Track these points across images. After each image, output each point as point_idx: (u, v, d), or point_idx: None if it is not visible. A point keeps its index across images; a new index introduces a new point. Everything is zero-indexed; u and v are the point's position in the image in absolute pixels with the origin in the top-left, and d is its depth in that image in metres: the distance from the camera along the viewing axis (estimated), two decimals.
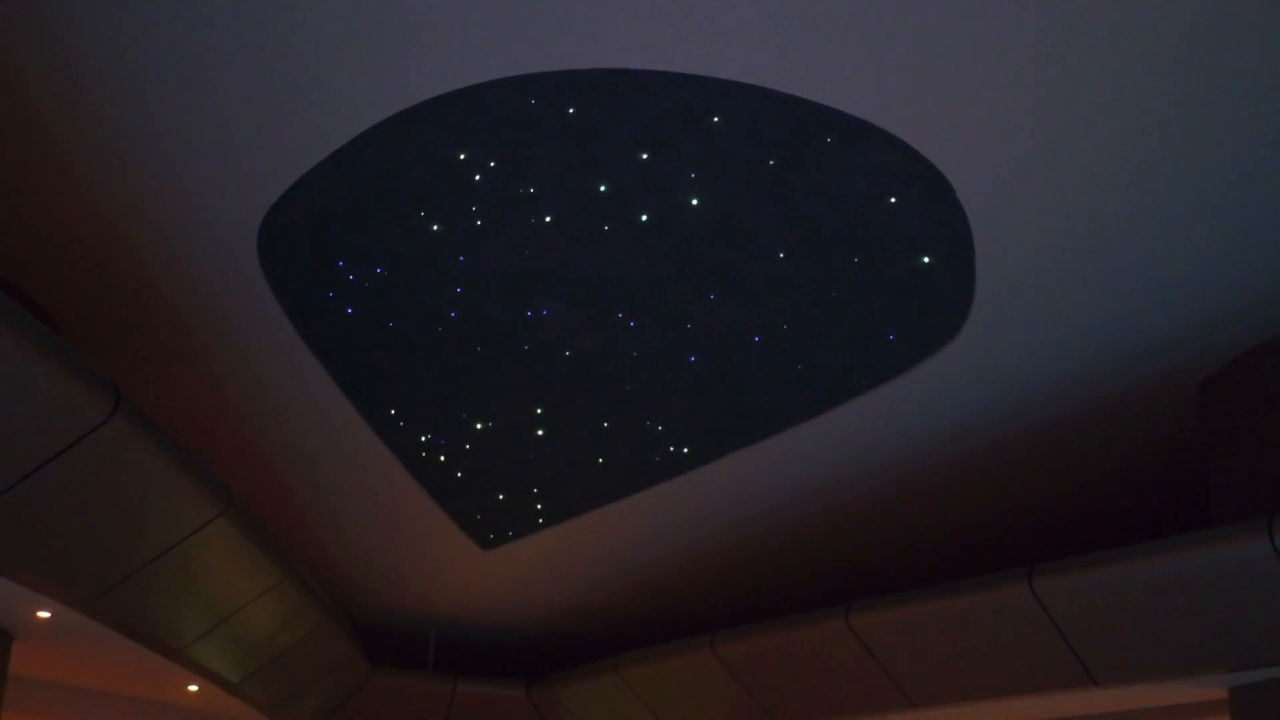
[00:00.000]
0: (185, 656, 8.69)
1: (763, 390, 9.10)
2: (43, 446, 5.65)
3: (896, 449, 9.69)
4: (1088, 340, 8.55)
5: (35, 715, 10.35)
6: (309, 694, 12.19)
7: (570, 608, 13.04)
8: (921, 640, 9.31)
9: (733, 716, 11.67)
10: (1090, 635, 8.31)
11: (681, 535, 11.13)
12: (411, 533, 11.36)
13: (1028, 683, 8.89)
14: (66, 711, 10.70)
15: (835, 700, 10.49)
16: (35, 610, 7.46)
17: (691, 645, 11.23)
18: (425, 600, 13.02)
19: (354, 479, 10.40)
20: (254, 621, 9.06)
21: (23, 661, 8.65)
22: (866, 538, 11.09)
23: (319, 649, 10.89)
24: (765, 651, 10.64)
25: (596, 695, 13.08)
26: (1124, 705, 9.71)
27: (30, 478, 5.72)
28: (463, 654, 14.18)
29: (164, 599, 7.81)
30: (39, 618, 7.65)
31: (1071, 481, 10.31)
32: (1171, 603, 7.87)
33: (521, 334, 8.39)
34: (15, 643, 8.39)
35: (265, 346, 8.47)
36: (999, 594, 8.48)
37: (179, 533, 7.05)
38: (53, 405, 5.48)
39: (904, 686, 9.68)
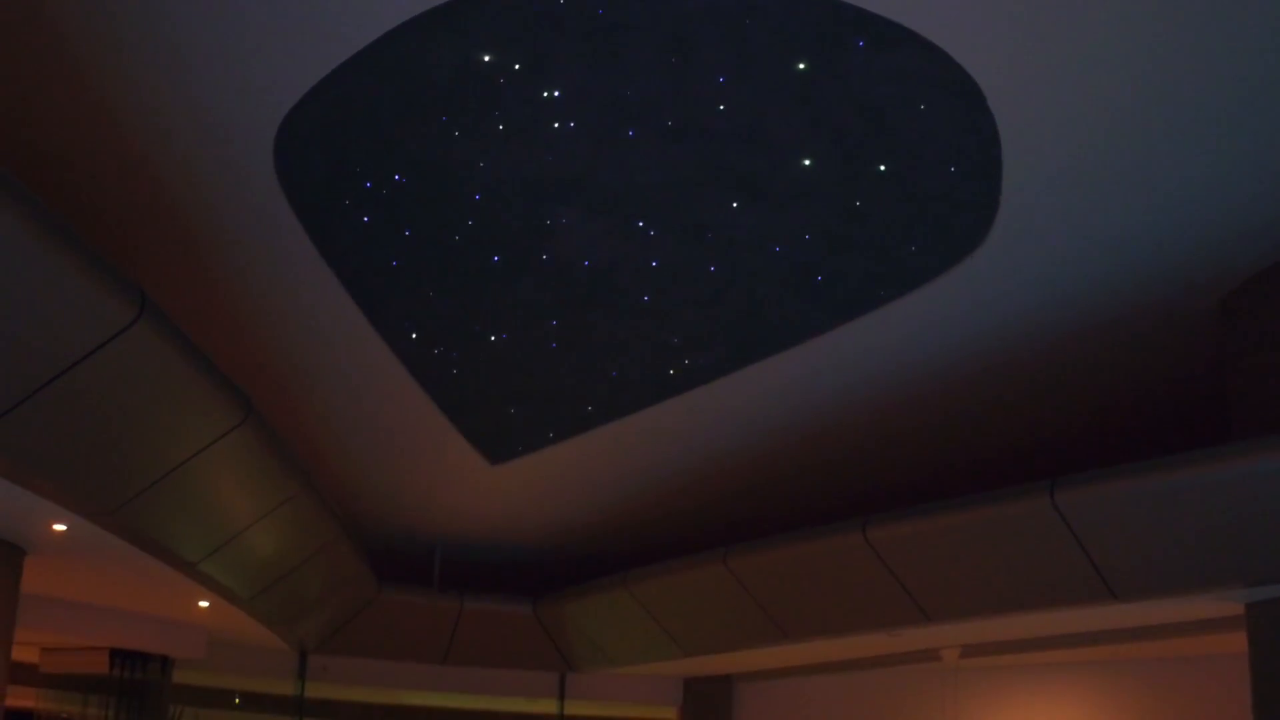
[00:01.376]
0: (199, 571, 8.73)
1: (781, 302, 9.10)
2: (67, 351, 5.61)
3: (915, 362, 9.72)
4: (1109, 254, 8.57)
5: (45, 632, 10.43)
6: (317, 610, 12.33)
7: (578, 525, 13.16)
8: (940, 554, 9.39)
9: (745, 631, 11.85)
10: (1111, 549, 8.38)
11: (694, 450, 11.21)
12: (420, 448, 11.43)
13: (1047, 597, 8.98)
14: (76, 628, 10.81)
15: (849, 615, 10.64)
16: (51, 523, 7.47)
17: (704, 559, 11.36)
18: (431, 518, 13.14)
19: (363, 393, 10.43)
20: (268, 535, 9.10)
21: (34, 577, 8.69)
22: (883, 453, 11.19)
23: (330, 564, 10.97)
24: (780, 565, 10.73)
25: (605, 611, 13.26)
26: (1141, 621, 9.90)
27: (53, 383, 5.69)
28: (468, 572, 14.35)
29: (181, 511, 7.82)
30: (54, 531, 7.67)
31: (1091, 397, 10.38)
32: (1191, 517, 7.94)
33: (539, 244, 8.37)
34: (28, 557, 8.44)
35: (278, 256, 8.44)
36: (1021, 507, 8.53)
37: (200, 442, 7.04)
38: (78, 308, 5.44)
39: (920, 601, 9.78)
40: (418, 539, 13.73)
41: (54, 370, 5.67)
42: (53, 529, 7.61)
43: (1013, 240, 8.30)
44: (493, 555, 14.23)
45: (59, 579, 9.31)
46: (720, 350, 9.66)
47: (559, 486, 12.16)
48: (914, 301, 8.93)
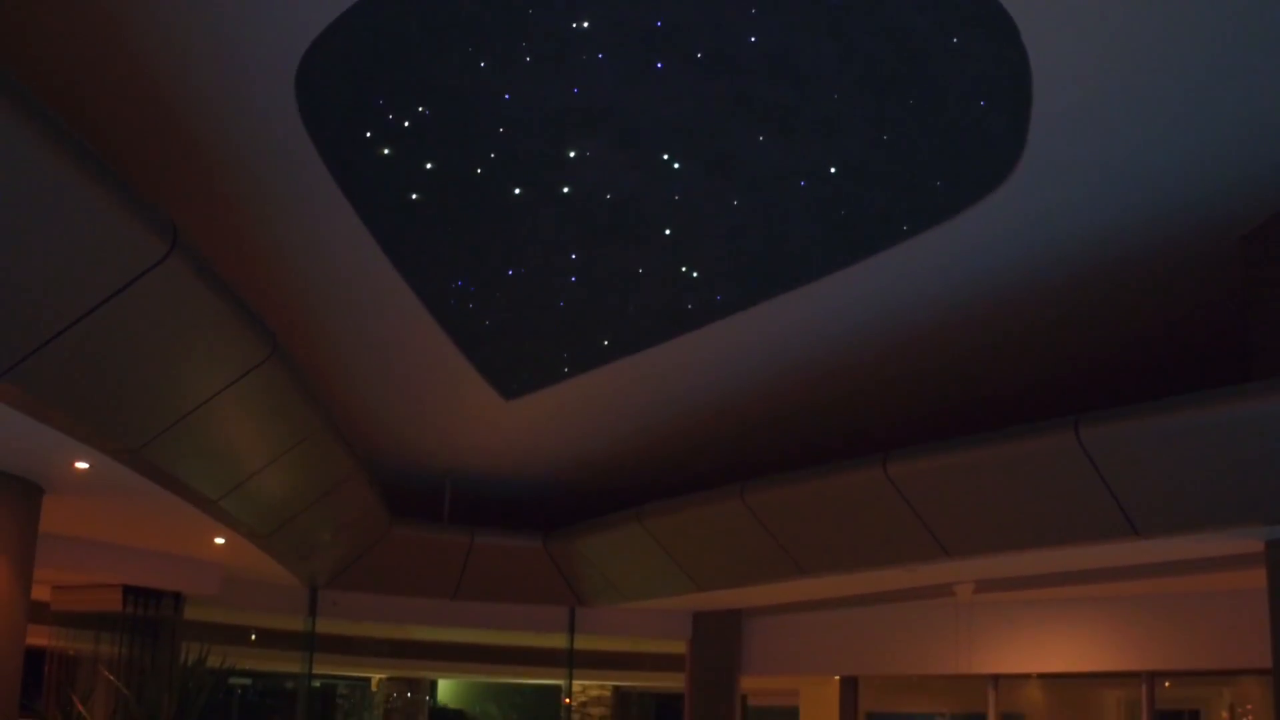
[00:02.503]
0: (218, 508, 8.74)
1: (803, 235, 9.11)
2: (98, 287, 5.59)
3: (938, 297, 9.75)
4: (1133, 191, 8.61)
5: (59, 570, 10.45)
6: (331, 545, 12.37)
7: (591, 460, 13.22)
8: (962, 490, 9.44)
9: (760, 567, 11.94)
10: (1134, 485, 8.45)
11: (711, 385, 11.26)
12: (433, 383, 11.46)
13: (1069, 533, 9.06)
14: (90, 566, 10.84)
15: (867, 550, 10.72)
16: (73, 461, 7.46)
17: (721, 494, 11.40)
18: (442, 453, 13.18)
19: (379, 327, 10.44)
20: (287, 471, 9.11)
21: (49, 515, 8.69)
22: (904, 388, 11.24)
23: (345, 500, 11.00)
24: (798, 501, 10.78)
25: (618, 546, 13.32)
26: (1160, 557, 9.98)
27: (84, 320, 5.67)
28: (478, 507, 14.40)
29: (204, 448, 7.82)
30: (76, 469, 7.66)
31: (1112, 334, 10.43)
32: (1214, 454, 8.01)
33: (562, 176, 8.34)
34: (46, 496, 8.43)
35: (297, 190, 8.42)
36: (1045, 442, 8.58)
37: (225, 378, 7.04)
38: (111, 243, 5.41)
39: (940, 536, 9.84)
40: (428, 474, 13.77)
41: (85, 307, 5.64)
42: (75, 467, 7.60)
43: (1038, 176, 8.34)
44: (503, 490, 14.29)
45: (74, 517, 9.32)
46: (741, 284, 9.67)
47: (572, 422, 12.21)
48: (938, 236, 8.96)
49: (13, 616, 8.14)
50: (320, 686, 14.83)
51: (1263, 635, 8.85)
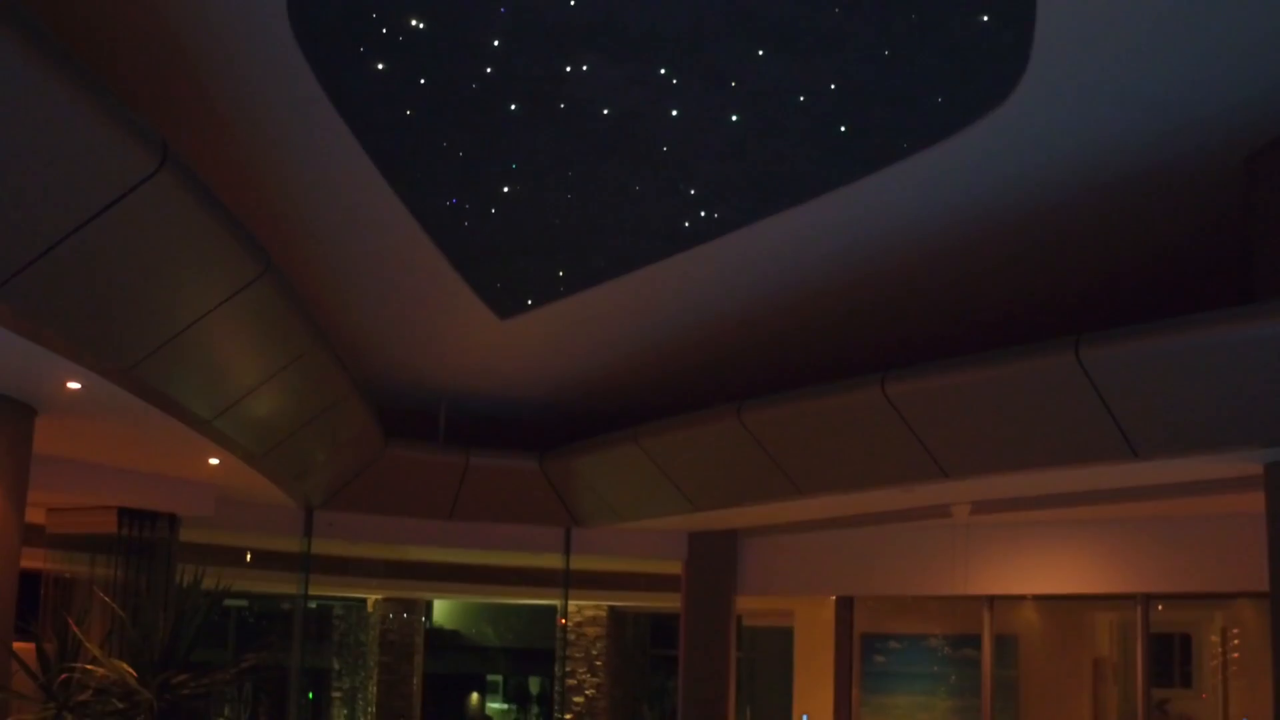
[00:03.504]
0: (212, 428, 8.74)
1: (802, 153, 9.06)
2: (87, 203, 5.54)
3: (938, 216, 9.73)
4: (1137, 110, 8.56)
5: (53, 492, 10.47)
6: (326, 465, 12.43)
7: (587, 380, 13.28)
8: (960, 410, 9.48)
9: (757, 487, 12.03)
10: (1133, 407, 8.49)
11: (709, 304, 11.28)
12: (428, 302, 11.47)
13: (1067, 454, 9.12)
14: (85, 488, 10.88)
15: (864, 470, 10.80)
16: (65, 381, 7.42)
17: (717, 414, 11.46)
18: (437, 373, 13.24)
19: (372, 246, 10.43)
20: (282, 390, 9.12)
21: (43, 437, 8.67)
22: (903, 308, 11.27)
23: (340, 419, 11.02)
24: (795, 420, 10.84)
25: (614, 466, 13.41)
26: (1159, 479, 10.04)
27: (73, 236, 5.62)
28: (473, 427, 14.48)
29: (197, 367, 7.81)
30: (68, 389, 7.63)
31: (1113, 254, 10.42)
32: (1214, 376, 8.06)
33: (558, 91, 8.26)
34: (39, 417, 8.41)
35: (289, 105, 8.33)
36: (1045, 362, 8.61)
37: (218, 296, 7.00)
38: (100, 157, 5.35)
39: (938, 457, 9.90)
40: (423, 394, 13.84)
41: (74, 223, 5.60)
42: (66, 387, 7.57)
43: (1041, 93, 8.27)
44: (499, 410, 14.37)
45: (68, 439, 9.30)
46: (739, 202, 9.62)
47: (568, 341, 12.25)
48: (938, 154, 8.92)
49: (7, 539, 8.18)
50: (316, 608, 14.94)
51: (1258, 558, 8.94)
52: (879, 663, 15.65)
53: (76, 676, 7.76)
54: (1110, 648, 14.23)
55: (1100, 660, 14.50)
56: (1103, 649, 14.41)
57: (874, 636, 15.58)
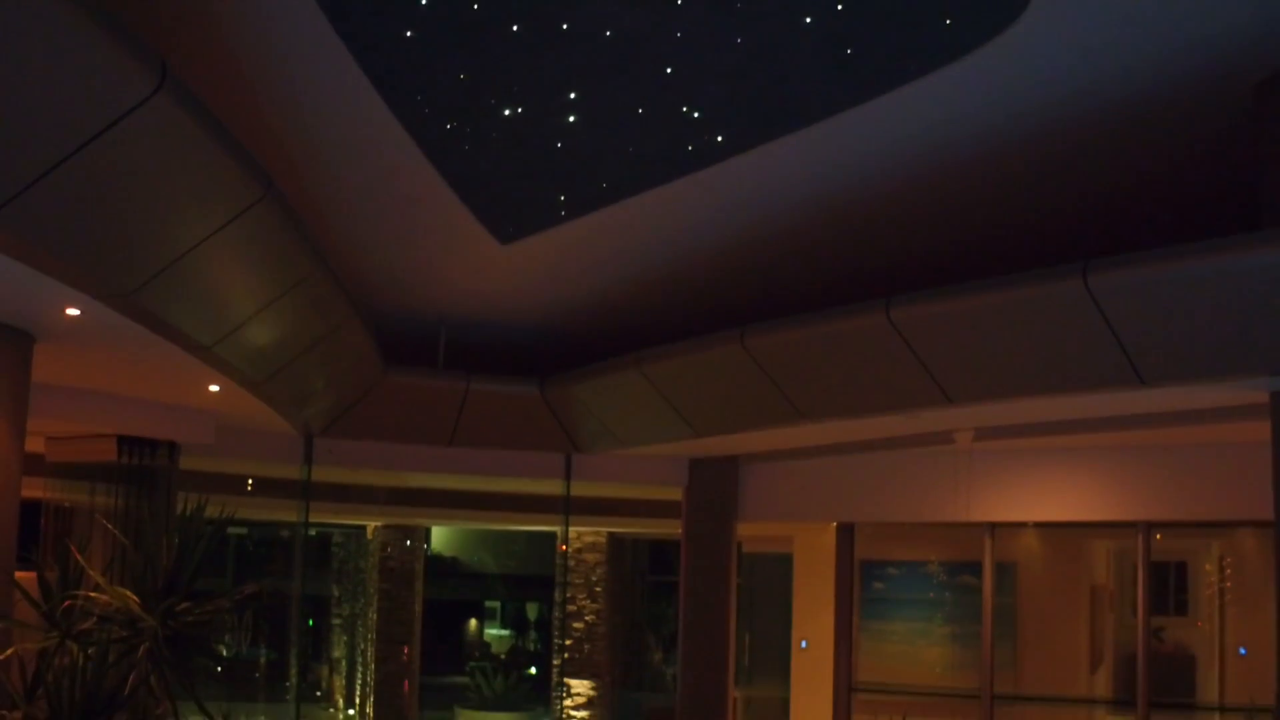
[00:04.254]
0: (212, 354, 8.73)
1: (808, 75, 8.96)
2: (84, 126, 5.47)
3: (945, 140, 9.66)
4: (1147, 31, 8.46)
5: (52, 421, 10.46)
6: (325, 391, 12.45)
7: (588, 305, 13.27)
8: (966, 336, 9.48)
9: (759, 413, 12.07)
10: (1141, 334, 8.49)
11: (712, 229, 11.24)
12: (427, 227, 11.42)
13: (1074, 381, 9.14)
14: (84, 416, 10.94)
15: (868, 396, 10.83)
16: (64, 307, 7.41)
17: (720, 339, 11.47)
18: (437, 298, 13.22)
19: (372, 170, 10.36)
20: (282, 315, 9.11)
21: (41, 365, 8.70)
22: (909, 233, 11.23)
23: (340, 345, 11.02)
24: (799, 345, 10.85)
25: (615, 392, 13.43)
26: (1164, 407, 10.13)
27: (70, 160, 5.56)
28: (473, 353, 14.47)
29: (197, 292, 7.78)
30: (67, 315, 7.61)
31: (1119, 180, 10.36)
32: (1223, 303, 8.06)
33: (562, 13, 8.15)
34: (37, 344, 8.42)
35: (288, 28, 8.22)
36: (1053, 288, 8.58)
37: (218, 220, 6.95)
38: (97, 77, 5.27)
39: (942, 382, 9.91)
40: (422, 320, 13.83)
41: (71, 146, 5.53)
42: (66, 314, 7.56)
43: (1050, 15, 8.17)
44: (499, 336, 14.37)
45: (67, 366, 9.32)
46: (743, 125, 9.54)
47: (570, 266, 12.21)
48: (946, 77, 8.82)
49: (8, 468, 8.24)
50: (316, 535, 15.02)
51: (1260, 487, 9.00)
52: (878, 589, 15.80)
53: (79, 604, 7.75)
54: (1108, 576, 14.33)
55: (1098, 588, 14.63)
56: (1100, 577, 14.51)
57: (874, 563, 15.73)
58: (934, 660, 15.22)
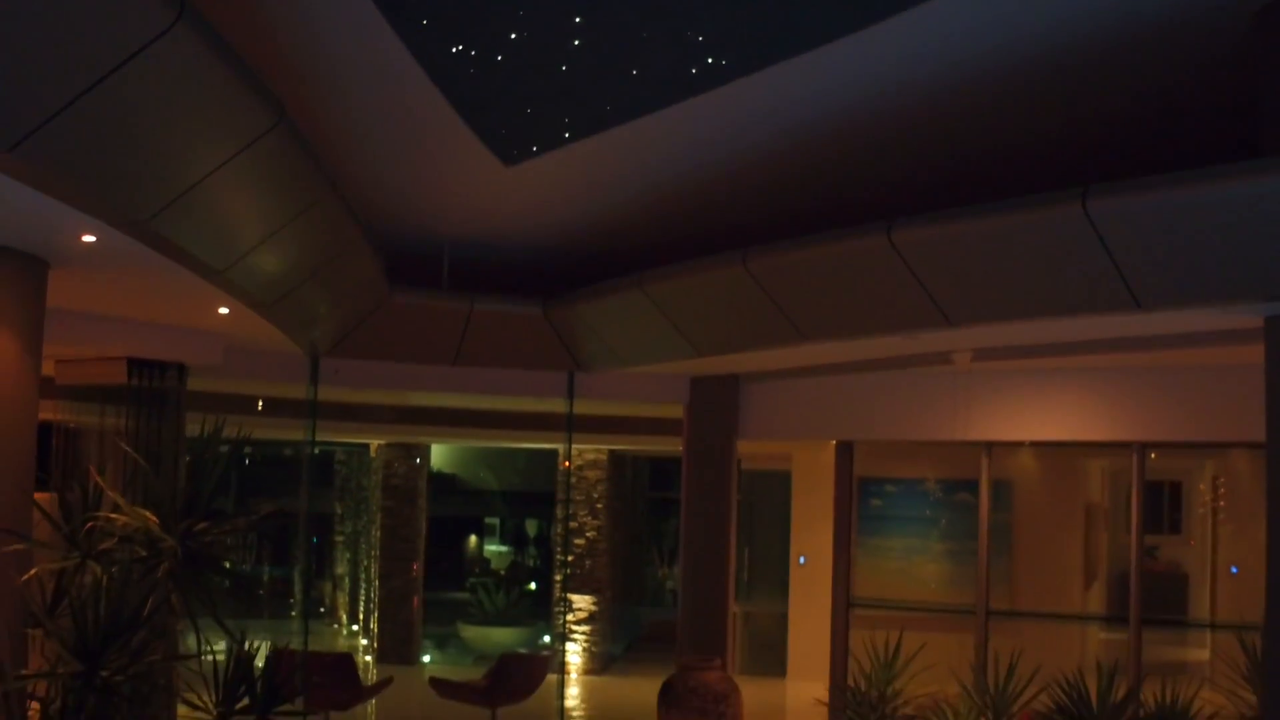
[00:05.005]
0: (224, 278, 8.90)
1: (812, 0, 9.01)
2: (105, 57, 5.62)
3: (948, 63, 9.68)
4: None
5: (63, 344, 10.61)
6: (331, 313, 12.63)
7: (591, 227, 13.32)
8: (966, 259, 9.63)
9: (761, 333, 12.26)
10: (1138, 259, 8.64)
11: (713, 151, 11.28)
12: (432, 150, 11.48)
13: (1072, 304, 9.31)
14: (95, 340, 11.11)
15: (869, 317, 11.01)
16: (80, 234, 7.57)
17: (723, 260, 11.62)
18: (441, 220, 13.29)
19: (374, 93, 10.39)
20: (292, 240, 9.28)
21: (53, 290, 8.84)
22: (910, 157, 11.28)
23: (347, 267, 11.19)
24: (801, 267, 11.00)
25: (618, 312, 13.60)
26: (1160, 330, 10.28)
27: (91, 91, 5.71)
28: (477, 274, 14.59)
29: (210, 219, 7.94)
30: (83, 242, 7.76)
31: (1118, 105, 10.41)
32: (1220, 230, 8.17)
33: None
34: (51, 270, 8.58)
35: None
36: (1052, 213, 8.72)
37: (232, 148, 7.11)
38: (116, 11, 5.42)
39: (942, 305, 10.09)
40: (426, 241, 13.90)
41: (92, 78, 5.68)
42: (81, 241, 7.72)
43: None
44: (503, 256, 14.46)
45: (79, 291, 9.47)
46: (746, 49, 9.58)
47: (573, 188, 12.27)
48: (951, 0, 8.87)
49: (25, 391, 8.44)
50: (318, 453, 15.25)
51: (1252, 409, 9.15)
52: (876, 506, 15.96)
53: (99, 525, 7.94)
54: (1103, 494, 14.51)
55: (1093, 506, 14.86)
56: (1095, 495, 14.74)
57: (872, 480, 15.88)
58: (931, 576, 15.39)
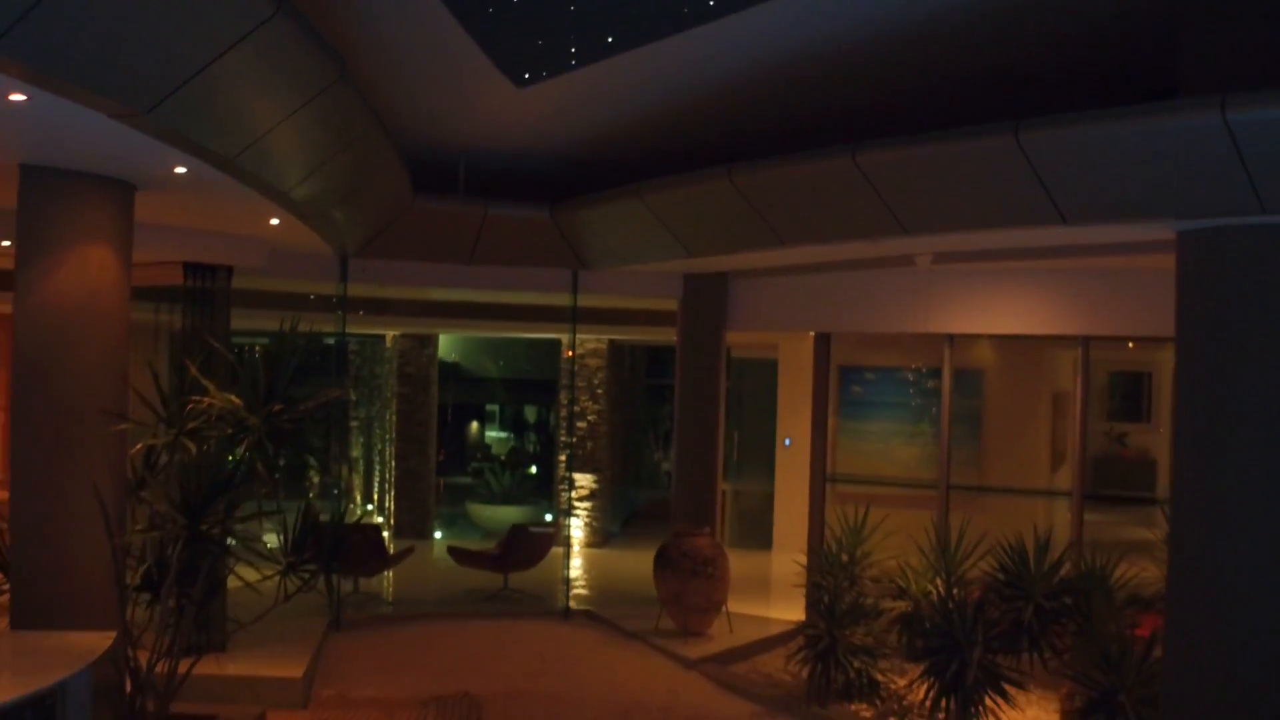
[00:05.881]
0: (287, 198, 10.30)
1: None
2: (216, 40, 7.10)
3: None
4: None
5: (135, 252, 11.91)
6: (363, 218, 13.93)
7: (597, 140, 14.05)
8: (918, 179, 10.88)
9: (744, 237, 13.41)
10: (1063, 182, 9.79)
11: (705, 77, 12.10)
12: (451, 72, 12.22)
13: (1007, 218, 10.54)
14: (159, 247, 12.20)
15: (838, 225, 12.21)
16: (174, 166, 8.94)
17: (711, 174, 12.75)
18: (458, 134, 14.10)
19: (402, 26, 11.11)
20: (340, 161, 10.64)
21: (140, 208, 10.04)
22: (877, 84, 12.12)
23: (381, 181, 12.51)
24: (780, 182, 12.15)
25: (618, 217, 14.68)
26: (1086, 240, 11.50)
27: (204, 69, 7.26)
28: (491, 181, 15.50)
29: (280, 153, 9.35)
30: (175, 173, 9.14)
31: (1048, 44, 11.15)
32: (1137, 159, 9.23)
33: None
34: (138, 193, 9.85)
35: None
36: (990, 142, 9.94)
37: (300, 99, 8.58)
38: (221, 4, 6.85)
39: (899, 216, 11.38)
40: (444, 153, 14.69)
41: (203, 60, 7.16)
42: (174, 172, 9.06)
43: None
44: (514, 165, 15.18)
45: (152, 208, 10.55)
46: None
47: (579, 107, 13.01)
48: None
49: (120, 293, 9.70)
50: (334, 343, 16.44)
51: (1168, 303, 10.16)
52: (855, 392, 16.98)
53: (197, 407, 9.26)
54: (1070, 383, 15.05)
55: (1060, 394, 15.58)
56: (1063, 384, 15.36)
57: (850, 368, 16.85)
58: (904, 456, 16.48)
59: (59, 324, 9.32)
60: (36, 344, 9.28)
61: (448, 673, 13.75)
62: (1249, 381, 9.47)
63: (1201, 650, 9.71)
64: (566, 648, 15.28)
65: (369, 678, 13.40)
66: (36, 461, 9.29)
